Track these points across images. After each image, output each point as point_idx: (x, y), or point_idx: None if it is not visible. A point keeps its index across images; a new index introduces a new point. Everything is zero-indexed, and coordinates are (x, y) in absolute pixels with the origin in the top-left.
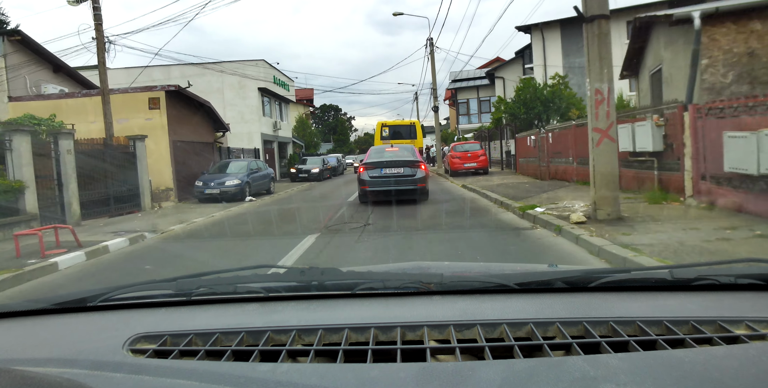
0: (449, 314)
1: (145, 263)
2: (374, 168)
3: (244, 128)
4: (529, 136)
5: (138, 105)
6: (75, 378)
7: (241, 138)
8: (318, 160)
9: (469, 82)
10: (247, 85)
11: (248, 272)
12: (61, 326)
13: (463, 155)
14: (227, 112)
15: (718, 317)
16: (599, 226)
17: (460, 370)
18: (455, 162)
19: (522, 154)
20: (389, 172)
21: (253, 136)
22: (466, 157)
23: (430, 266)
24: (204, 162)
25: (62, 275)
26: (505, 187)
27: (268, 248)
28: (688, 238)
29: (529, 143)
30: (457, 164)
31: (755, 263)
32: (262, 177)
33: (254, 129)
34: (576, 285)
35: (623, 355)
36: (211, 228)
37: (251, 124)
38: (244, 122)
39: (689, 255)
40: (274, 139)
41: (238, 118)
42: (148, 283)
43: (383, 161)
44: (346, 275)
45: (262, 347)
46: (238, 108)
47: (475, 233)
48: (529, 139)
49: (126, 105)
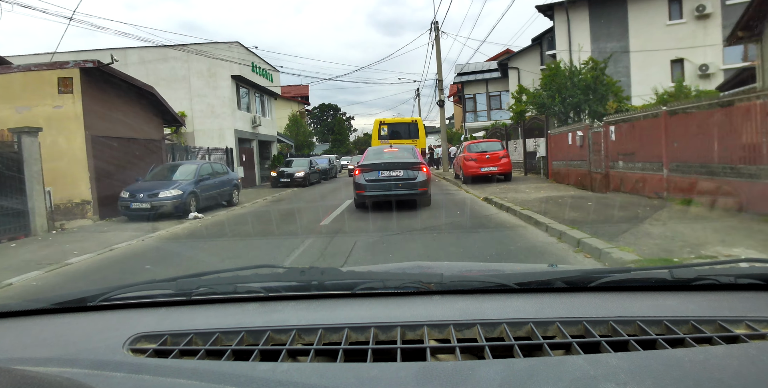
0: (449, 313)
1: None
2: (371, 170)
3: (215, 123)
4: (570, 132)
5: (45, 88)
6: (75, 378)
7: (211, 135)
8: (304, 162)
9: (476, 75)
10: (219, 72)
11: (248, 272)
12: (61, 326)
13: (480, 157)
14: (194, 105)
15: (718, 317)
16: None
17: (460, 369)
18: (470, 166)
19: (558, 155)
20: (387, 175)
21: (225, 133)
22: (484, 159)
23: (430, 265)
24: (146, 166)
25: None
26: (554, 204)
27: None
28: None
29: (571, 141)
30: (472, 168)
31: (755, 263)
32: (218, 185)
33: (226, 124)
34: (576, 285)
35: (623, 354)
36: (84, 277)
37: (223, 118)
38: (214, 117)
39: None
40: (254, 137)
41: (207, 112)
42: (148, 283)
43: (381, 163)
44: (346, 274)
45: (262, 346)
46: (208, 99)
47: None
48: (570, 135)
49: (29, 88)
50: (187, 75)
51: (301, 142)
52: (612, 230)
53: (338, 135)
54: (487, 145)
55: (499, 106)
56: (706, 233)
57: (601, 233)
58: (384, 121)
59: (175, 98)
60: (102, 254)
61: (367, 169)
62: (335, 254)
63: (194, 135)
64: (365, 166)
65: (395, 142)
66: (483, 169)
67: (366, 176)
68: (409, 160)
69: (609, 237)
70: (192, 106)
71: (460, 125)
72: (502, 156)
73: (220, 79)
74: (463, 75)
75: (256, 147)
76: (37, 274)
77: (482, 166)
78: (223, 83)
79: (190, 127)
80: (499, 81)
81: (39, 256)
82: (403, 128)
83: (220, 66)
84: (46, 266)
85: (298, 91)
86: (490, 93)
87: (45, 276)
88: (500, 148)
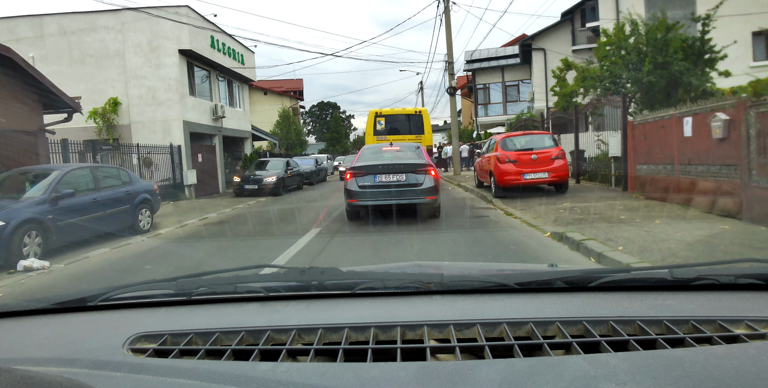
0: (449, 313)
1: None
2: (365, 174)
3: (157, 113)
4: (690, 117)
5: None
6: (75, 378)
7: (153, 128)
8: (279, 164)
9: (490, 62)
10: (163, 46)
11: (248, 272)
12: (61, 326)
13: (523, 157)
14: (131, 89)
15: (718, 317)
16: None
17: (460, 369)
18: (506, 170)
19: (651, 155)
20: (386, 180)
21: (171, 126)
22: (528, 161)
23: (430, 265)
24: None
25: None
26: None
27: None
28: None
29: (691, 132)
30: (510, 175)
31: (755, 263)
32: (104, 204)
33: (173, 114)
34: (576, 285)
35: (623, 354)
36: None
37: (168, 106)
38: (156, 104)
39: None
40: (216, 132)
41: (148, 98)
42: (148, 283)
43: (378, 165)
44: (346, 274)
45: (262, 346)
46: (148, 82)
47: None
48: (690, 122)
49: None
50: (121, 50)
51: (292, 140)
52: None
53: (335, 133)
54: (530, 140)
55: (516, 98)
56: None
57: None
58: (380, 113)
59: (105, 80)
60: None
61: (360, 173)
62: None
63: (131, 128)
64: (358, 170)
65: (394, 139)
66: (527, 175)
67: (359, 181)
68: (412, 161)
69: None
70: (128, 91)
71: (470, 121)
72: (556, 156)
73: (165, 54)
74: (475, 62)
75: (220, 144)
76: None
77: (526, 172)
78: (169, 60)
79: (125, 118)
80: (517, 68)
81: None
82: (404, 121)
83: (165, 38)
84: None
85: (291, 85)
86: (507, 82)
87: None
88: (552, 145)
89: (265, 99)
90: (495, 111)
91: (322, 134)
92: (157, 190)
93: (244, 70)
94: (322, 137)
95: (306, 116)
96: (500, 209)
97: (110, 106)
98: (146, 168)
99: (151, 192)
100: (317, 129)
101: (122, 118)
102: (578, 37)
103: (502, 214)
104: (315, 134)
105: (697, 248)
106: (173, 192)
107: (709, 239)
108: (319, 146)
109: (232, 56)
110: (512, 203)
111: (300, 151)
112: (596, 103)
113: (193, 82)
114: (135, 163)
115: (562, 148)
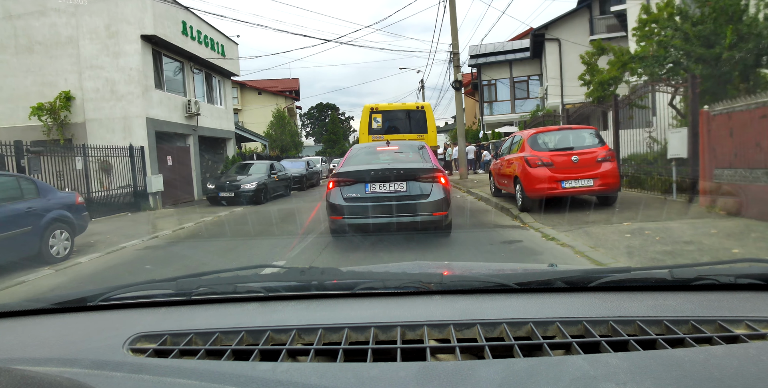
0: (449, 313)
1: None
2: (353, 182)
3: (117, 109)
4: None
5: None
6: (75, 378)
7: (111, 127)
8: (262, 168)
9: (497, 57)
10: (122, 31)
11: (248, 272)
12: (61, 326)
13: (560, 159)
14: (85, 82)
15: (718, 317)
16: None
17: (460, 369)
18: (539, 176)
19: (738, 158)
20: (381, 190)
21: (132, 124)
22: (568, 164)
23: (430, 265)
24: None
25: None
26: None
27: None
28: None
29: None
30: (544, 182)
31: (755, 263)
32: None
33: (135, 111)
34: (576, 285)
35: (623, 354)
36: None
37: (129, 101)
38: (116, 99)
39: None
40: (190, 132)
41: (106, 92)
42: (148, 283)
43: (370, 171)
44: (346, 274)
45: (262, 346)
46: (105, 73)
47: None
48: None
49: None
50: (74, 36)
51: (287, 142)
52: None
53: (332, 135)
54: (568, 137)
55: (526, 95)
56: None
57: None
58: (376, 108)
59: (57, 71)
60: None
61: (346, 181)
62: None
63: (86, 127)
64: (344, 176)
65: (393, 139)
66: (566, 183)
67: (345, 192)
68: (416, 165)
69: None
70: (82, 83)
71: (473, 121)
72: (603, 157)
73: (125, 41)
74: (480, 57)
75: (195, 145)
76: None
77: (564, 178)
78: (129, 48)
79: (80, 115)
80: (526, 63)
81: None
82: (405, 118)
83: (126, 22)
84: None
85: (286, 84)
86: (515, 78)
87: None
88: (596, 143)
89: (260, 99)
90: (502, 109)
91: (322, 136)
92: (82, 203)
93: (224, 62)
94: (321, 139)
95: (305, 118)
96: (534, 228)
97: (61, 102)
98: (105, 174)
99: (71, 207)
100: (316, 131)
101: (76, 116)
102: (597, 26)
103: (540, 237)
104: (314, 136)
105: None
106: (134, 202)
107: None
108: (317, 148)
109: (210, 46)
110: (548, 219)
111: (295, 153)
112: (645, 91)
113: (160, 74)
114: (80, 168)
115: (611, 148)
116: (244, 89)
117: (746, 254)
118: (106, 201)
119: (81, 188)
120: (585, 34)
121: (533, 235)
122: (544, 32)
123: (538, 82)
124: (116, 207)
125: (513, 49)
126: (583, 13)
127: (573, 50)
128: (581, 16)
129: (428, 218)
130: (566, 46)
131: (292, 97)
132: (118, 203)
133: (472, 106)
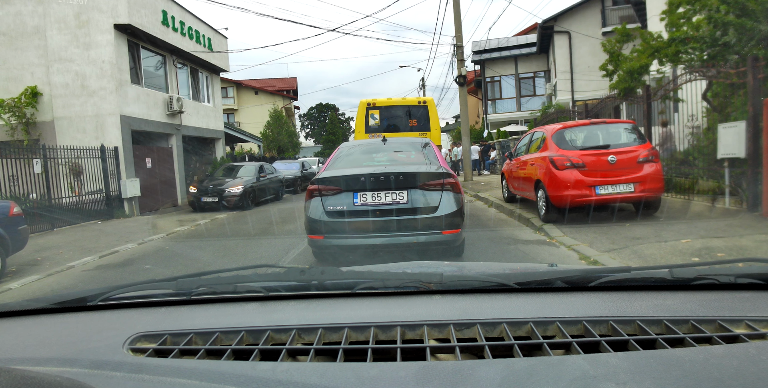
0: (449, 313)
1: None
2: (338, 191)
3: (88, 106)
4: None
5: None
6: (75, 377)
7: (82, 126)
8: (250, 170)
9: (501, 53)
10: (94, 20)
11: (248, 272)
12: (61, 326)
13: (594, 159)
14: (53, 76)
15: (718, 317)
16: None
17: (460, 369)
18: (568, 181)
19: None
20: (374, 201)
21: (105, 122)
22: (604, 165)
23: (430, 265)
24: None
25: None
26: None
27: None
28: None
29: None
30: (574, 187)
31: (755, 263)
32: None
33: (108, 108)
34: (576, 284)
35: (623, 354)
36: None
37: (101, 97)
38: (87, 95)
39: None
40: (173, 131)
41: (76, 87)
42: (148, 282)
43: (360, 176)
44: (346, 274)
45: (262, 346)
46: (75, 66)
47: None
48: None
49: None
50: (41, 26)
51: (284, 142)
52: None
53: (332, 135)
54: (601, 133)
55: (532, 92)
56: None
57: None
58: (374, 104)
59: (22, 64)
60: None
61: (330, 189)
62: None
63: (54, 126)
64: (327, 183)
65: (393, 137)
66: (601, 189)
67: (328, 204)
68: (419, 168)
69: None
70: (50, 78)
71: (476, 120)
72: (645, 158)
73: (97, 31)
74: (484, 53)
75: (179, 146)
76: None
77: (599, 183)
78: (102, 38)
79: (47, 112)
80: (533, 58)
81: None
82: (405, 114)
83: (97, 10)
84: None
85: (284, 84)
86: (521, 74)
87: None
88: (636, 140)
89: (257, 98)
90: (506, 107)
91: (321, 137)
92: (19, 214)
93: (212, 56)
94: (321, 140)
95: (305, 119)
96: (566, 245)
97: (27, 98)
98: (75, 178)
99: (3, 220)
100: (316, 132)
101: (44, 114)
102: (609, 17)
103: (577, 259)
104: (314, 137)
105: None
106: (106, 208)
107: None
108: (316, 149)
109: (195, 39)
110: (580, 232)
111: (293, 154)
112: (687, 79)
113: (138, 68)
114: (38, 171)
115: (654, 146)
116: (240, 88)
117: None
118: (75, 208)
119: (42, 194)
120: (597, 26)
121: (566, 254)
122: (553, 24)
123: (544, 79)
124: (86, 214)
125: (518, 44)
126: (594, 3)
127: (584, 43)
128: (593, 7)
129: (436, 238)
130: (577, 39)
131: (290, 96)
132: (88, 209)
133: (474, 104)
